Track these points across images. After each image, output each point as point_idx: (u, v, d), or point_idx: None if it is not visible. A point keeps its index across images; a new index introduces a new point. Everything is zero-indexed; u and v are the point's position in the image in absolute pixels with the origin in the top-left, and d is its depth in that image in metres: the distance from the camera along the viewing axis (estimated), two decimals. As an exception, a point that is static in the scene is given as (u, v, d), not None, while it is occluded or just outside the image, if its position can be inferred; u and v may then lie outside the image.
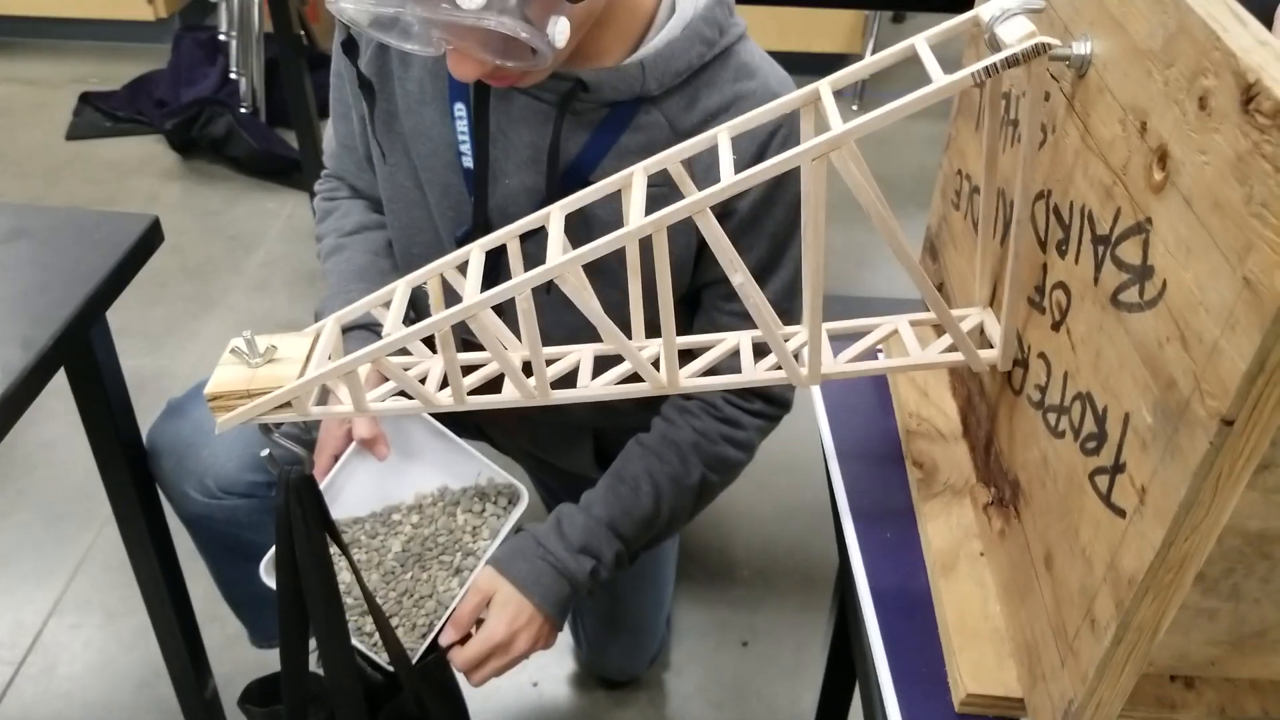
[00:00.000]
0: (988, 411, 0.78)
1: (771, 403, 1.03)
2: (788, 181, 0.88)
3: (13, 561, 1.64)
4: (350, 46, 0.95)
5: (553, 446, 1.23)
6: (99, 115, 2.71)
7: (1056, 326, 0.66)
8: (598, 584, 1.01)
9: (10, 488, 1.76)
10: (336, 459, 1.01)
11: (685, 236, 0.93)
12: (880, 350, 0.81)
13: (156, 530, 1.19)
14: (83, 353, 1.02)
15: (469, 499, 1.04)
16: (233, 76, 2.53)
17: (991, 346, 0.75)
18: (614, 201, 0.74)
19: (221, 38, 2.53)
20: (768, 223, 0.92)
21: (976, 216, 0.83)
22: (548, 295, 0.97)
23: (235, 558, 1.19)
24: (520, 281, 0.67)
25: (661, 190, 0.83)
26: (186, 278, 2.23)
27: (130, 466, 1.13)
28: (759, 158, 0.88)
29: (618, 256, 0.69)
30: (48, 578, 1.62)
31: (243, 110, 2.50)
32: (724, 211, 0.91)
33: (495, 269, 0.96)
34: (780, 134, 0.87)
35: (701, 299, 0.99)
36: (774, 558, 1.69)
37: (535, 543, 1.00)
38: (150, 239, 1.07)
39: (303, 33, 2.04)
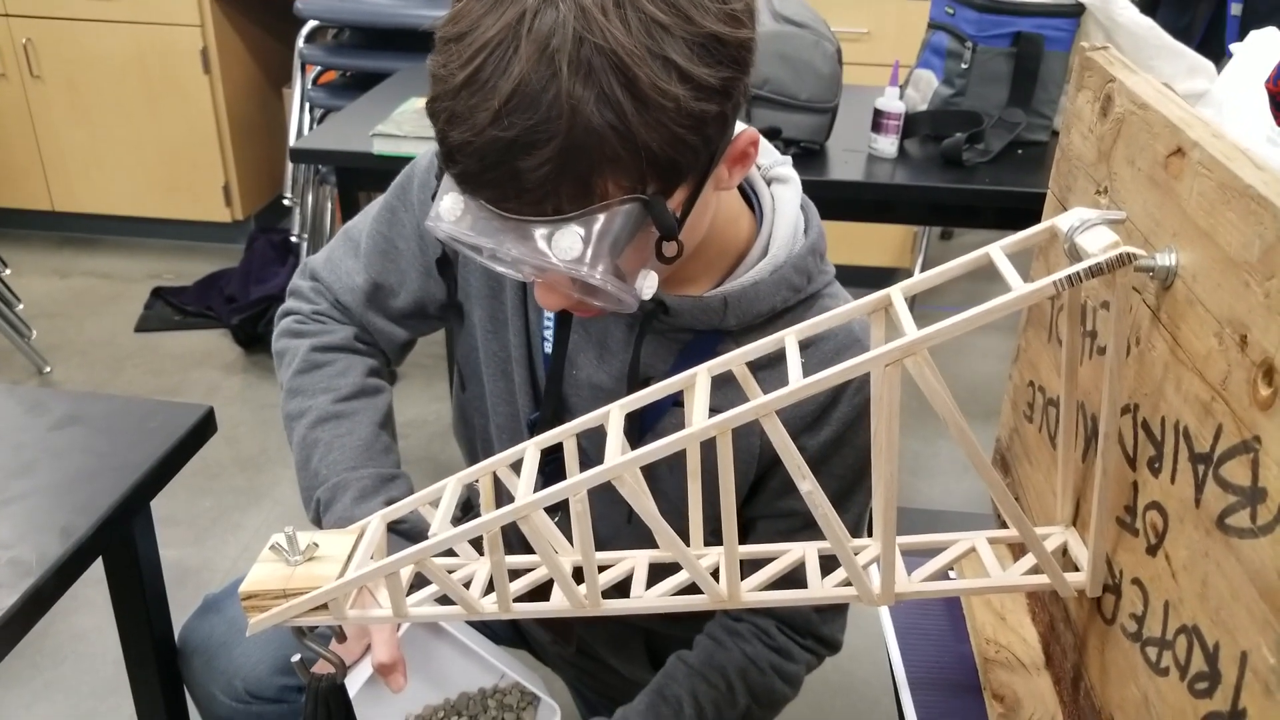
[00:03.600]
0: (1075, 641, 0.72)
1: (822, 642, 0.97)
2: (859, 427, 0.87)
3: (29, 760, 1.57)
4: (445, 266, 0.95)
5: (602, 645, 1.17)
6: (169, 309, 2.81)
7: (1153, 550, 0.61)
8: None
9: (38, 679, 1.70)
10: None
11: (744, 465, 0.89)
12: (951, 570, 0.76)
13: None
14: (123, 543, 1.00)
15: (491, 713, 0.98)
16: (300, 275, 2.62)
17: (1077, 569, 0.70)
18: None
19: (293, 239, 2.63)
20: (836, 464, 0.88)
21: (1053, 430, 0.79)
22: (622, 516, 0.92)
23: (258, 768, 1.12)
24: (575, 482, 0.64)
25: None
26: (238, 469, 2.23)
27: (159, 664, 1.08)
28: (833, 403, 0.86)
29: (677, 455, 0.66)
30: (62, 779, 1.54)
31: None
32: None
33: (552, 468, 0.93)
34: (855, 383, 0.85)
35: (757, 529, 0.94)
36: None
37: None
38: (203, 429, 1.06)
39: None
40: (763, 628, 0.96)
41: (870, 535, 0.88)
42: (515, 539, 1.02)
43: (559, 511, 0.94)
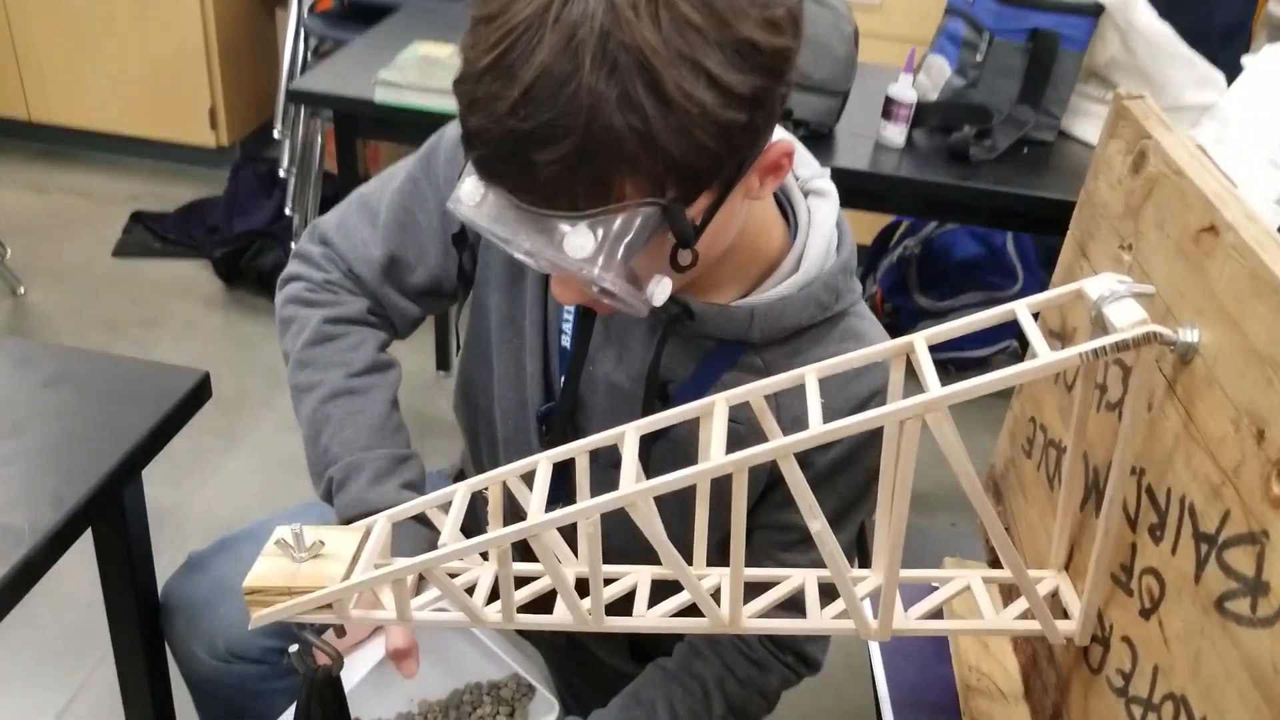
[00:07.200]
0: (1057, 681, 0.74)
1: (803, 660, 0.97)
2: (871, 446, 0.86)
3: (-2, 694, 1.58)
4: (460, 240, 0.94)
5: (585, 634, 1.18)
6: (149, 235, 2.77)
7: (1146, 614, 0.63)
8: None
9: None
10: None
11: (756, 474, 0.90)
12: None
13: (159, 691, 1.14)
14: (113, 513, 0.99)
15: (487, 707, 0.99)
16: (288, 212, 2.59)
17: (1067, 615, 0.72)
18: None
19: (281, 174, 2.59)
20: (842, 482, 0.89)
21: (1051, 470, 0.81)
22: (628, 533, 0.92)
23: (236, 726, 1.13)
24: (589, 506, 0.65)
25: (738, 429, 0.80)
26: (217, 409, 2.20)
27: (142, 622, 1.08)
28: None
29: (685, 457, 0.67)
30: (33, 716, 1.54)
31: (293, 245, 2.54)
32: (802, 462, 0.88)
33: (560, 477, 0.93)
34: (876, 400, 0.85)
35: (754, 539, 0.94)
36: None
37: None
38: (198, 395, 1.06)
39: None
40: (744, 639, 0.96)
41: (858, 561, 0.89)
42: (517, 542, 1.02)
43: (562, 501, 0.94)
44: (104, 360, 1.07)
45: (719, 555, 0.79)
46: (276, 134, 2.63)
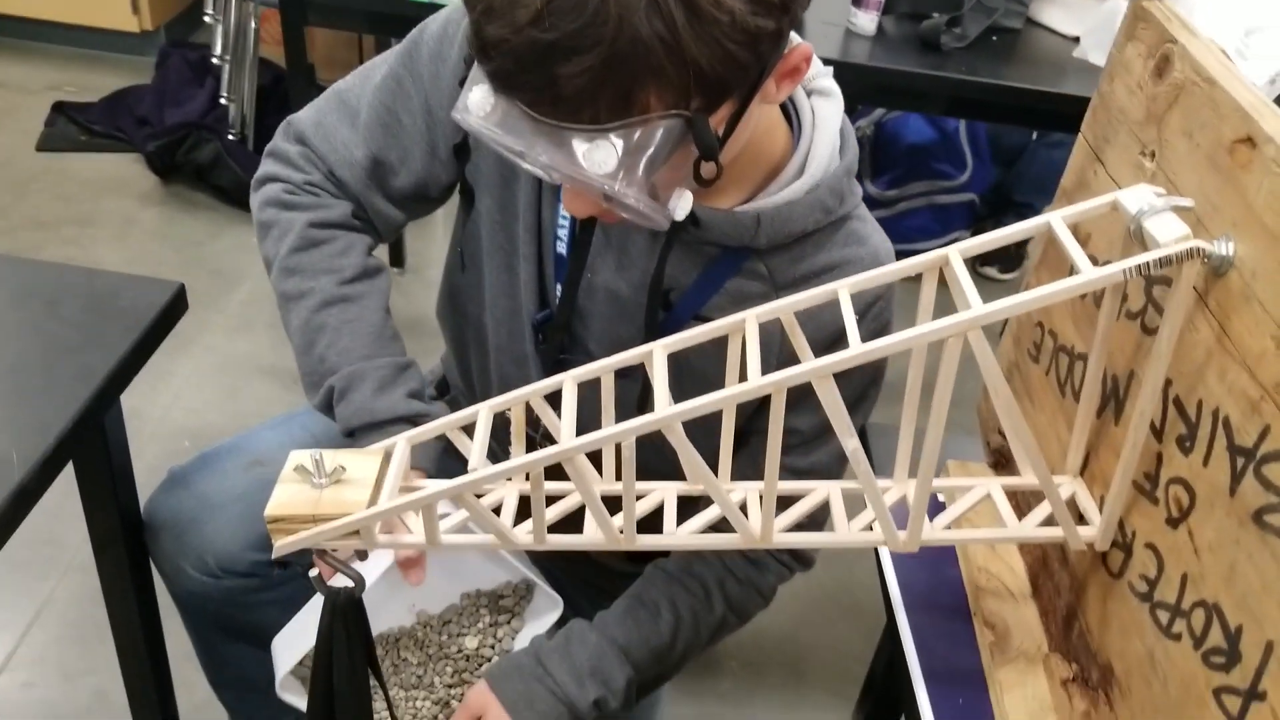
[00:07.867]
0: (1071, 583, 0.77)
1: (797, 558, 0.99)
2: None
3: (-38, 610, 1.55)
4: (462, 150, 0.90)
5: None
6: (74, 127, 2.61)
7: (1174, 523, 0.64)
8: (604, 717, 0.94)
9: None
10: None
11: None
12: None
13: (146, 610, 1.12)
14: (94, 436, 0.96)
15: (486, 619, 1.00)
16: (222, 102, 2.46)
17: (1084, 520, 0.74)
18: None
19: (215, 61, 2.45)
20: (842, 383, 0.89)
21: (1062, 376, 0.82)
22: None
23: (227, 638, 1.13)
24: (624, 430, 0.64)
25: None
26: (162, 309, 2.14)
27: (127, 544, 1.06)
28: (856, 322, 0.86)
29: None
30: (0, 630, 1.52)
31: (230, 137, 2.42)
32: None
33: (560, 369, 0.92)
34: (879, 305, 0.85)
35: (753, 443, 0.93)
36: (762, 649, 1.66)
37: (536, 661, 0.94)
38: (175, 308, 1.01)
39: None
40: None
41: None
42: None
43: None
44: (72, 274, 1.02)
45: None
46: (207, 18, 2.48)
